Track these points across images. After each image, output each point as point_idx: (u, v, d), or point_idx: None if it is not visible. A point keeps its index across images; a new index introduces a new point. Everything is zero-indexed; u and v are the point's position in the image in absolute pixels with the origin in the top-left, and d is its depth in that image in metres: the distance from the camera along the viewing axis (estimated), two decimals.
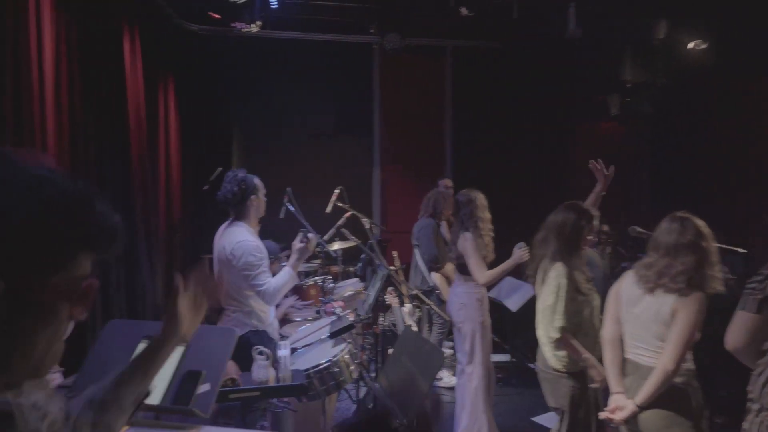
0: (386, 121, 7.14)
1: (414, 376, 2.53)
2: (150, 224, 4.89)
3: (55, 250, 0.74)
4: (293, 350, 3.05)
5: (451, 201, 4.81)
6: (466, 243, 3.64)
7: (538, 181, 6.65)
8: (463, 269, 3.73)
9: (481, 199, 3.76)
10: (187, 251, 5.64)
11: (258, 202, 3.24)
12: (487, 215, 3.76)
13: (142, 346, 2.02)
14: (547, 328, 2.78)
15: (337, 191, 4.90)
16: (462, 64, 7.02)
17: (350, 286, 4.53)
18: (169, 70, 5.48)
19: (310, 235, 3.23)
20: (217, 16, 5.72)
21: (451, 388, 4.69)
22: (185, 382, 1.85)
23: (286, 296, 3.85)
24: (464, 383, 3.71)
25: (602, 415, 2.46)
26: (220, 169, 5.62)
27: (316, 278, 4.78)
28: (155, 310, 4.60)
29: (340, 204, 4.85)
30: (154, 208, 5.01)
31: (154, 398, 1.83)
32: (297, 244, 3.18)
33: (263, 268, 3.05)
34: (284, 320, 4.18)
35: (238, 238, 3.05)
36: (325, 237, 3.74)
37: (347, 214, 4.11)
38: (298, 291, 4.91)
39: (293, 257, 3.17)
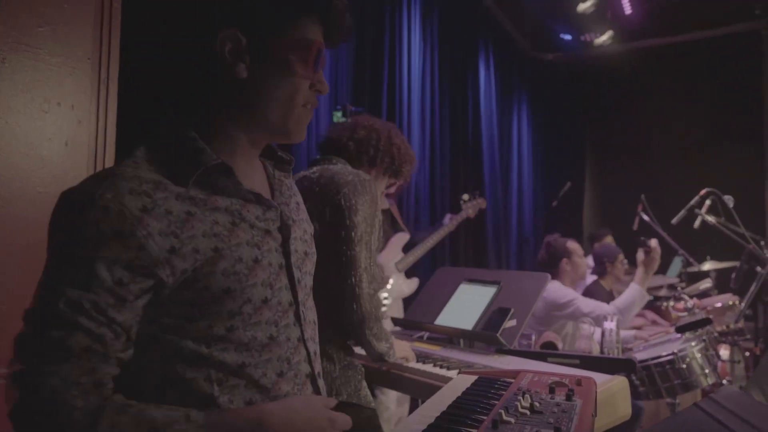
0: None
1: None
2: (500, 238, 5.22)
3: (281, 8, 0.84)
4: (628, 350, 2.71)
5: None
6: None
7: None
8: None
9: None
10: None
11: (572, 266, 3.23)
12: None
13: (462, 287, 2.18)
14: None
15: (707, 202, 4.15)
16: None
17: (721, 300, 3.72)
18: (523, 96, 5.86)
19: (651, 242, 2.90)
20: (568, 37, 5.86)
21: None
22: (495, 315, 1.90)
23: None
24: None
25: None
26: (569, 183, 5.60)
27: (681, 298, 4.10)
28: None
29: (711, 219, 4.09)
30: (505, 222, 5.33)
31: (468, 324, 1.94)
32: (640, 256, 2.89)
33: (577, 300, 2.97)
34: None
35: (545, 296, 3.06)
36: (674, 220, 3.20)
37: (702, 192, 3.43)
38: (656, 312, 4.34)
39: (639, 272, 2.90)
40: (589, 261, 4.27)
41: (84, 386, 0.72)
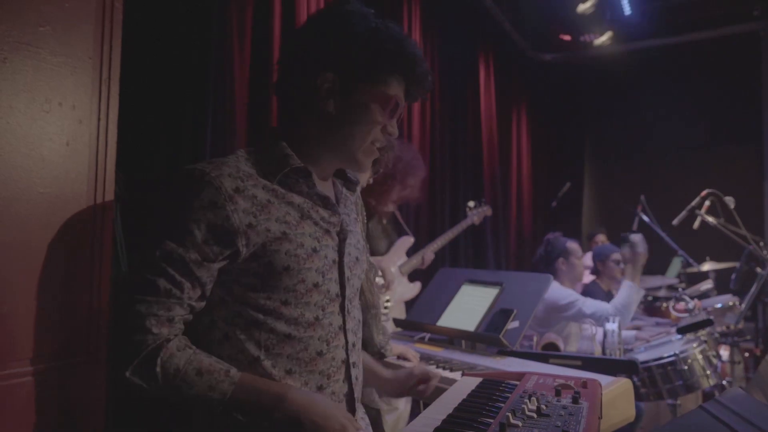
0: None
1: None
2: (500, 239, 5.21)
3: (374, 63, 1.02)
4: (629, 350, 2.71)
5: None
6: None
7: None
8: None
9: None
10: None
11: (568, 266, 3.19)
12: None
13: (464, 288, 2.17)
14: None
15: (706, 203, 4.14)
16: None
17: (721, 301, 3.72)
18: (522, 97, 5.85)
19: (633, 237, 2.89)
20: (567, 37, 5.86)
21: None
22: (498, 316, 1.89)
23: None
24: None
25: None
26: (569, 184, 5.60)
27: (681, 299, 4.09)
28: None
29: (711, 219, 4.08)
30: (504, 223, 5.32)
31: (470, 326, 1.94)
32: (625, 253, 2.88)
33: (579, 302, 2.93)
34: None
35: (545, 297, 3.01)
36: (675, 221, 3.19)
37: (702, 193, 3.42)
38: (656, 312, 4.34)
39: (627, 269, 2.90)
40: (587, 261, 4.27)
41: (160, 318, 0.93)
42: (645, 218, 4.41)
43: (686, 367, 2.30)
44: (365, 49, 1.01)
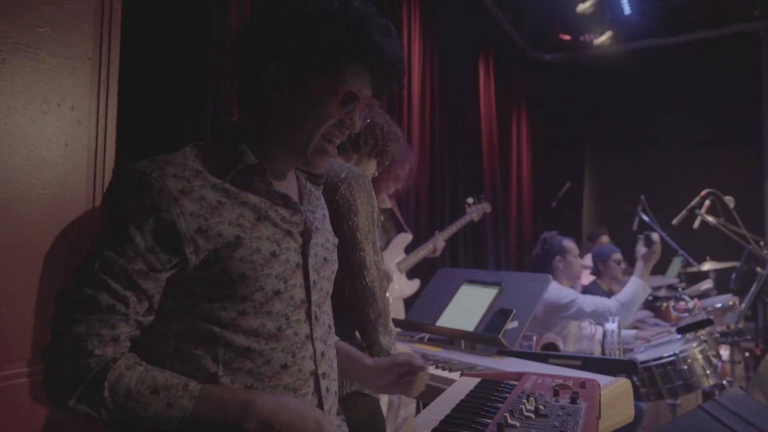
0: None
1: None
2: (500, 238, 5.21)
3: (326, 50, 0.90)
4: (629, 350, 2.71)
5: None
6: None
7: None
8: None
9: None
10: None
11: (565, 264, 3.20)
12: None
13: (463, 288, 2.17)
14: None
15: (706, 203, 4.14)
16: None
17: (721, 301, 3.72)
18: (522, 97, 5.85)
19: (654, 236, 2.88)
20: (567, 37, 5.86)
21: None
22: (497, 316, 1.89)
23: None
24: None
25: None
26: (569, 184, 5.60)
27: (681, 299, 4.09)
28: None
29: (711, 219, 4.08)
30: (504, 223, 5.32)
31: (469, 326, 1.94)
32: (640, 249, 2.87)
33: (578, 300, 2.92)
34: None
35: (545, 298, 2.99)
36: (675, 221, 3.18)
37: (702, 193, 3.41)
38: (656, 311, 4.33)
39: (639, 265, 2.88)
40: (587, 261, 4.26)
41: (103, 338, 0.82)
42: (645, 218, 4.41)
43: (686, 367, 2.30)
44: (316, 34, 0.90)
